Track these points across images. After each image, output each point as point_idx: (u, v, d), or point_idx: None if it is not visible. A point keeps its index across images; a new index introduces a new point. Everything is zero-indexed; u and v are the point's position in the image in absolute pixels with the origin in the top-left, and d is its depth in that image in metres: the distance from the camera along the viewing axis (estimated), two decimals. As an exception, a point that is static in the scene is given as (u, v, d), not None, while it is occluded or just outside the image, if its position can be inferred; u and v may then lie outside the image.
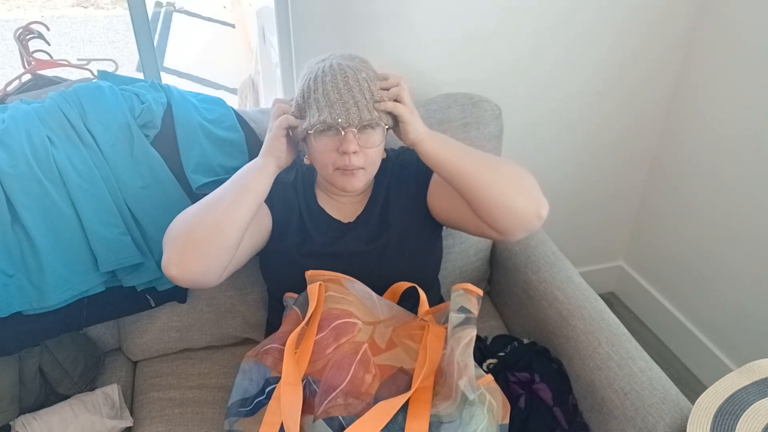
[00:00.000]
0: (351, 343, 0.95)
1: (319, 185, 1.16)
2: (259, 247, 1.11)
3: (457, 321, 0.92)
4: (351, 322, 0.97)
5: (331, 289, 1.02)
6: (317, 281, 1.02)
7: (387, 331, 0.99)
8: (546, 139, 1.76)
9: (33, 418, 1.09)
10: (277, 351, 0.99)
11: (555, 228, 1.82)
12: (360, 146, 0.99)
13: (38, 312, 1.05)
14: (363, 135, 0.99)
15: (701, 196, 1.75)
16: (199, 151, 1.17)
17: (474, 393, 0.86)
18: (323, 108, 0.97)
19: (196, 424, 1.17)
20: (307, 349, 0.96)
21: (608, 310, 1.19)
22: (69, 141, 1.10)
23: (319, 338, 0.97)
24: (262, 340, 1.12)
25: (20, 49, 1.43)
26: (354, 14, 1.39)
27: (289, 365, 0.93)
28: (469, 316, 0.92)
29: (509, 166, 0.98)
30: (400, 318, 1.02)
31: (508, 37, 1.53)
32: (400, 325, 1.00)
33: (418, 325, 1.01)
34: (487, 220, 0.97)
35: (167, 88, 1.24)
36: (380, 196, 1.15)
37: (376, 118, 0.98)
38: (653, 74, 1.72)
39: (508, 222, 0.95)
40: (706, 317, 1.82)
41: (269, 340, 1.03)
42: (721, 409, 0.92)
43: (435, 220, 1.15)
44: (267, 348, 1.01)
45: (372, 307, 1.02)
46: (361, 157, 1.00)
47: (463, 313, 0.92)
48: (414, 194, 1.14)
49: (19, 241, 1.03)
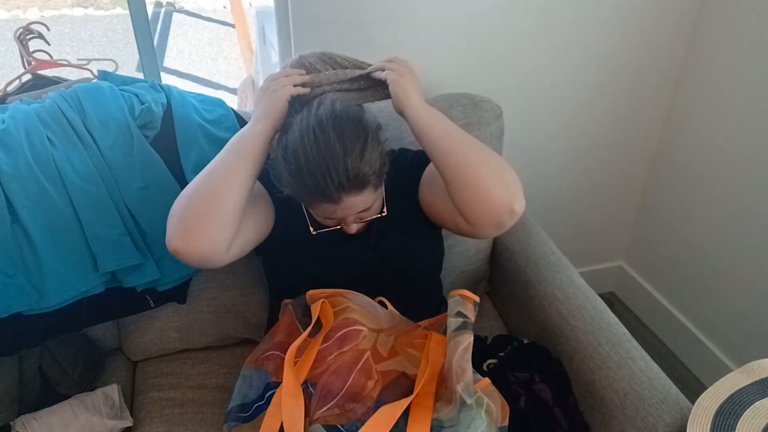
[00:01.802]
0: (354, 351, 0.95)
1: None
2: (263, 230, 1.08)
3: (455, 325, 0.92)
4: (357, 329, 0.97)
5: (334, 304, 1.03)
6: (319, 299, 1.02)
7: (389, 339, 0.99)
8: (546, 139, 1.76)
9: (33, 418, 1.09)
10: (278, 357, 0.99)
11: (555, 228, 1.82)
12: (359, 217, 1.00)
13: (38, 312, 1.04)
14: (363, 214, 1.00)
15: (701, 197, 1.75)
16: (199, 152, 1.17)
17: (471, 397, 0.86)
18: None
19: (196, 424, 1.17)
20: (309, 359, 0.96)
21: (608, 310, 1.19)
22: (69, 141, 1.10)
23: (323, 347, 0.97)
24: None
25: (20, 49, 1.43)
26: (354, 14, 1.39)
27: (290, 377, 0.92)
28: (466, 321, 0.92)
29: (496, 158, 0.95)
30: (402, 327, 1.03)
31: (509, 37, 1.53)
32: (402, 334, 1.01)
33: (420, 334, 1.01)
34: (459, 204, 0.94)
35: (167, 89, 1.24)
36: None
37: (368, 187, 0.95)
38: (654, 75, 1.72)
39: (478, 209, 0.92)
40: (706, 317, 1.82)
41: (267, 345, 1.03)
42: (722, 409, 0.92)
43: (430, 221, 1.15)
44: (268, 354, 1.01)
45: (375, 315, 1.02)
46: (362, 224, 1.02)
47: (461, 317, 0.92)
48: (411, 197, 1.13)
49: (18, 242, 1.03)
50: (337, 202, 0.94)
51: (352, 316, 1.00)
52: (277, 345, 1.01)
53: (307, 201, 0.98)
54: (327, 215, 0.98)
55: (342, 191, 0.92)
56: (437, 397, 0.90)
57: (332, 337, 0.97)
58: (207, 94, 1.30)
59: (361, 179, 0.93)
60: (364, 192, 0.95)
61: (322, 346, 0.97)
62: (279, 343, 1.01)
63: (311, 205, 0.99)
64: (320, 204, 0.96)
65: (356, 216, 0.99)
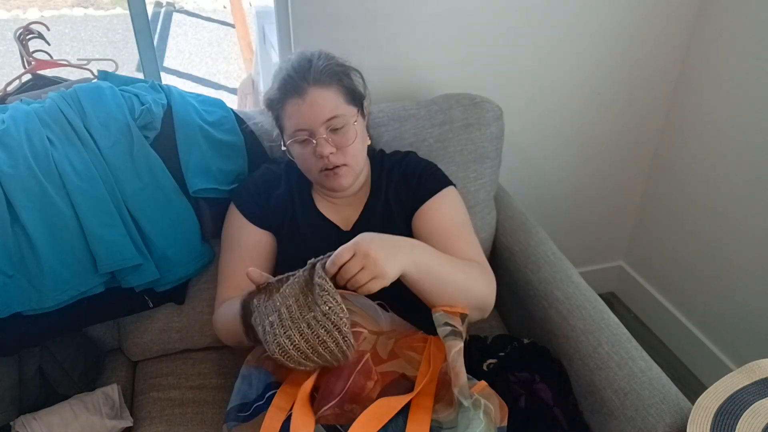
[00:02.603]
0: (354, 353, 0.95)
1: (315, 188, 1.17)
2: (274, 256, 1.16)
3: (444, 333, 0.94)
4: (357, 331, 0.97)
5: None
6: None
7: (389, 342, 0.99)
8: (546, 139, 1.76)
9: (33, 418, 1.09)
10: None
11: (555, 228, 1.83)
12: (335, 147, 1.03)
13: (38, 312, 1.04)
14: (335, 136, 1.04)
15: (701, 197, 1.75)
16: (199, 154, 1.17)
17: (468, 400, 0.86)
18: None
19: (196, 424, 1.17)
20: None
21: (608, 310, 1.19)
22: (68, 141, 1.10)
23: None
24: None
25: (20, 49, 1.43)
26: (354, 14, 1.39)
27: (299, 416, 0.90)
28: (454, 329, 0.93)
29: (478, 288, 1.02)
30: (402, 330, 1.03)
31: (509, 37, 1.53)
32: (402, 337, 1.01)
33: (420, 338, 1.01)
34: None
35: (167, 89, 1.23)
36: (379, 201, 1.15)
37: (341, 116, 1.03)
38: (653, 74, 1.72)
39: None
40: (707, 317, 1.82)
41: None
42: (721, 409, 0.91)
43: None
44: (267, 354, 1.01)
45: (375, 318, 1.02)
46: (340, 155, 1.04)
47: (448, 326, 0.94)
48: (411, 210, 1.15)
49: (18, 242, 1.03)
50: (302, 93, 1.02)
51: (353, 318, 1.00)
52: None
53: (279, 102, 1.06)
54: (296, 121, 1.03)
55: (305, 82, 1.02)
56: (438, 398, 0.91)
57: None
58: (207, 95, 1.30)
59: (326, 73, 1.03)
60: (330, 89, 1.03)
61: None
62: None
63: (283, 109, 1.06)
64: (288, 101, 1.04)
65: (325, 123, 1.03)
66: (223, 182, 1.19)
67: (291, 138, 1.06)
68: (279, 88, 1.06)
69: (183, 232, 1.17)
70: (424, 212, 1.12)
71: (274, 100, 1.08)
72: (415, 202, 1.14)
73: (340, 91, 1.05)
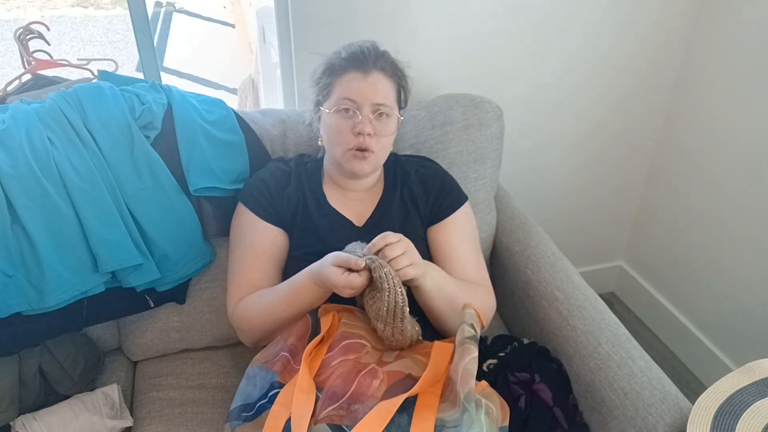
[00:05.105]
0: (356, 362, 0.96)
1: (327, 182, 1.17)
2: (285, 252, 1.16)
3: (468, 333, 0.94)
4: (360, 343, 0.97)
5: (345, 317, 1.03)
6: (330, 312, 1.03)
7: (394, 353, 1.00)
8: (546, 140, 1.76)
9: (33, 418, 1.09)
10: (286, 359, 0.99)
11: (555, 228, 1.83)
12: (375, 132, 1.06)
13: (38, 312, 1.04)
14: (377, 122, 1.06)
15: (701, 197, 1.75)
16: (199, 153, 1.17)
17: (471, 402, 0.86)
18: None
19: (196, 424, 1.17)
20: (314, 366, 0.96)
21: (608, 310, 1.19)
22: (69, 141, 1.10)
23: (327, 356, 0.97)
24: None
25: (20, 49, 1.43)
26: (354, 14, 1.39)
27: (305, 373, 0.93)
28: (474, 336, 0.94)
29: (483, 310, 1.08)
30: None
31: (508, 37, 1.53)
32: (408, 349, 1.01)
33: (426, 345, 1.02)
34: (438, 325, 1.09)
35: (168, 89, 1.23)
36: (393, 199, 1.16)
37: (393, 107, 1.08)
38: (653, 74, 1.72)
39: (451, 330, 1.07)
40: (706, 317, 1.82)
41: (277, 347, 1.02)
42: (721, 409, 0.92)
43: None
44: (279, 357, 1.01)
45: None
46: (374, 141, 1.06)
47: (473, 329, 0.95)
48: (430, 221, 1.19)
49: (18, 242, 1.03)
50: (367, 72, 1.06)
51: (359, 332, 1.00)
52: (287, 348, 1.01)
53: (341, 70, 1.08)
54: (350, 92, 1.06)
55: (374, 65, 1.06)
56: (443, 398, 0.91)
57: (336, 347, 0.98)
58: (207, 95, 1.30)
59: (391, 65, 1.09)
60: (390, 80, 1.09)
61: (326, 355, 0.97)
62: (290, 346, 1.01)
63: (341, 77, 1.07)
64: (350, 72, 1.06)
65: (374, 106, 1.06)
66: (225, 181, 1.19)
67: (335, 106, 1.07)
68: (346, 58, 1.08)
69: (184, 232, 1.17)
70: (443, 226, 1.18)
71: (335, 67, 1.09)
72: (434, 215, 1.18)
73: (396, 89, 1.11)
